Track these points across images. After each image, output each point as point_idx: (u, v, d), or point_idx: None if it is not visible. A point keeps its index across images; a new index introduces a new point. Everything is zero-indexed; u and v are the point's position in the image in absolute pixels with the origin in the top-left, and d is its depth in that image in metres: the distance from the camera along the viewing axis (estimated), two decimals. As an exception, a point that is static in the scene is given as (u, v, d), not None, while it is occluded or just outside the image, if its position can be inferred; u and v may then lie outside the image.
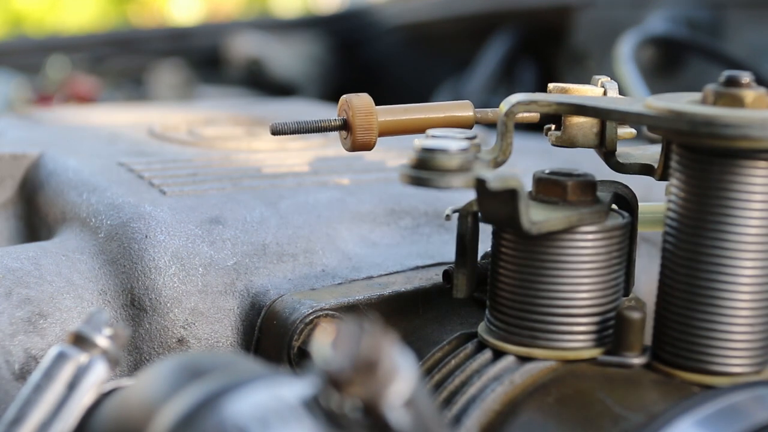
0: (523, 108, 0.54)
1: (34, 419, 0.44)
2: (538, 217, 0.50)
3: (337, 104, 0.59)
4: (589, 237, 0.52)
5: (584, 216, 0.51)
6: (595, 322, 0.52)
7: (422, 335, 0.61)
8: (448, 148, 0.48)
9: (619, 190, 0.56)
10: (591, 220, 0.51)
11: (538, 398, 0.51)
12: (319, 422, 0.36)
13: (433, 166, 0.48)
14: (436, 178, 0.48)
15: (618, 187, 0.56)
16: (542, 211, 0.51)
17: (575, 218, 0.51)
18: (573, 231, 0.51)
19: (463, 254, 0.56)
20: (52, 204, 0.76)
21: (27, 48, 2.07)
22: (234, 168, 0.80)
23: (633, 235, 0.56)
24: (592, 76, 0.59)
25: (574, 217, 0.51)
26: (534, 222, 0.50)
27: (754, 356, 0.51)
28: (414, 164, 0.48)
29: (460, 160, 0.48)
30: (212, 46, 2.11)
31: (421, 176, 0.48)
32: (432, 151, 0.48)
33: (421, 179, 0.48)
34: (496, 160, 0.54)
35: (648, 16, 1.46)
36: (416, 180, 0.48)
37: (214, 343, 0.65)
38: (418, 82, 2.04)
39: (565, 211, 0.51)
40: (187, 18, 5.63)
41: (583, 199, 0.53)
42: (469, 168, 0.48)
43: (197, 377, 0.40)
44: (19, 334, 0.61)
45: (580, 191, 0.53)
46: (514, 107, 0.54)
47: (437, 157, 0.48)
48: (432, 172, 0.48)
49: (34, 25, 5.79)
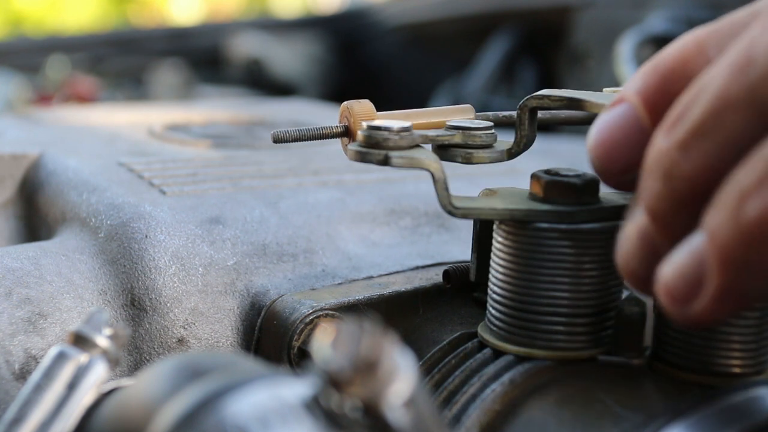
0: (536, 102, 0.55)
1: (34, 419, 0.44)
2: (462, 204, 0.52)
3: (337, 104, 0.60)
4: (588, 237, 0.52)
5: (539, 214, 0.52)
6: (594, 322, 0.52)
7: (422, 335, 0.61)
8: (390, 127, 0.51)
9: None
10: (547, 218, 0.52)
11: (538, 398, 0.51)
12: (319, 422, 0.36)
13: (374, 144, 0.51)
14: (374, 153, 0.51)
15: None
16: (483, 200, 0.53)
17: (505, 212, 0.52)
18: (572, 231, 0.51)
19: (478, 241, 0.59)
20: (52, 204, 0.76)
21: (27, 48, 2.07)
22: (234, 168, 0.80)
23: None
24: (603, 89, 0.59)
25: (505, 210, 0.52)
26: (457, 207, 0.52)
27: (754, 356, 0.51)
28: (361, 141, 0.52)
29: (399, 139, 0.51)
30: (212, 46, 2.11)
31: (362, 151, 0.51)
32: (376, 129, 0.51)
33: (362, 153, 0.51)
34: (510, 150, 0.56)
35: (648, 16, 1.46)
36: (359, 155, 0.52)
37: (214, 343, 0.65)
38: (418, 82, 2.04)
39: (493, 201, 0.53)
40: (187, 18, 5.63)
41: (572, 199, 0.52)
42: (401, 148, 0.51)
43: (197, 377, 0.40)
44: (19, 334, 0.61)
45: (557, 191, 0.53)
46: (527, 101, 0.56)
47: (378, 135, 0.51)
48: (372, 149, 0.51)
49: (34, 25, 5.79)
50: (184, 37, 2.15)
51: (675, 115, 0.42)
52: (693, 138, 0.41)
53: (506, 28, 1.80)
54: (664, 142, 0.42)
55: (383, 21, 2.19)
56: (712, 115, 0.41)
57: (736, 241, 0.39)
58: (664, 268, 0.43)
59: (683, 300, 0.42)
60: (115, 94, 1.85)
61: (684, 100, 0.42)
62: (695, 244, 0.41)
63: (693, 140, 0.41)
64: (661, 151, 0.42)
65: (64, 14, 6.08)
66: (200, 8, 6.24)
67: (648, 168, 0.43)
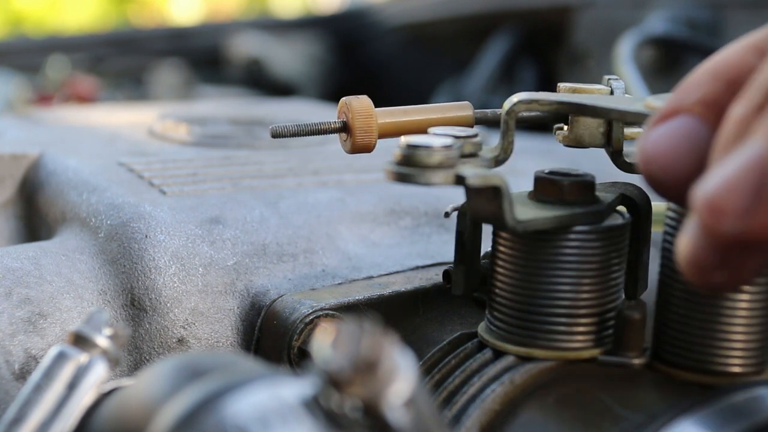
0: (525, 107, 0.54)
1: (34, 419, 0.44)
2: (525, 216, 0.50)
3: (337, 104, 0.60)
4: (588, 237, 0.52)
5: (577, 216, 0.51)
6: (595, 322, 0.52)
7: (422, 335, 0.61)
8: (431, 145, 0.49)
9: (627, 192, 0.56)
10: (585, 220, 0.51)
11: (538, 398, 0.51)
12: (319, 422, 0.36)
13: (415, 163, 0.49)
14: (418, 174, 0.48)
15: (627, 188, 0.56)
16: (532, 209, 0.52)
17: (566, 218, 0.51)
18: (571, 231, 0.51)
19: (462, 251, 0.57)
20: (52, 204, 0.76)
21: (27, 48, 2.07)
22: (234, 168, 0.80)
23: (642, 237, 0.56)
24: (603, 76, 0.59)
25: (565, 217, 0.51)
26: (520, 221, 0.50)
27: (754, 356, 0.51)
28: (398, 161, 0.49)
29: (442, 156, 0.49)
30: (212, 46, 2.11)
31: (403, 172, 0.49)
32: (415, 147, 0.49)
33: (403, 175, 0.49)
34: (497, 158, 0.55)
35: (648, 16, 1.46)
36: (400, 176, 0.49)
37: (214, 343, 0.65)
38: (418, 81, 2.04)
39: (557, 210, 0.51)
40: (187, 18, 5.63)
41: (580, 199, 0.53)
42: (452, 165, 0.49)
43: (197, 377, 0.40)
44: (19, 334, 0.61)
45: (577, 191, 0.53)
46: (515, 106, 0.54)
47: (419, 154, 0.48)
48: (414, 169, 0.49)
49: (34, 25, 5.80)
50: (184, 37, 2.15)
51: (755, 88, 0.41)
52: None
53: (506, 28, 1.79)
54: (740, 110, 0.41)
55: (383, 21, 2.19)
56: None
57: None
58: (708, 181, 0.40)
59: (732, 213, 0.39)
60: (115, 94, 1.85)
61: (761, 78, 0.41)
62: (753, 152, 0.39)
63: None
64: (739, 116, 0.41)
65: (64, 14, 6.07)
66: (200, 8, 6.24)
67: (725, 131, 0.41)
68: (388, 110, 0.58)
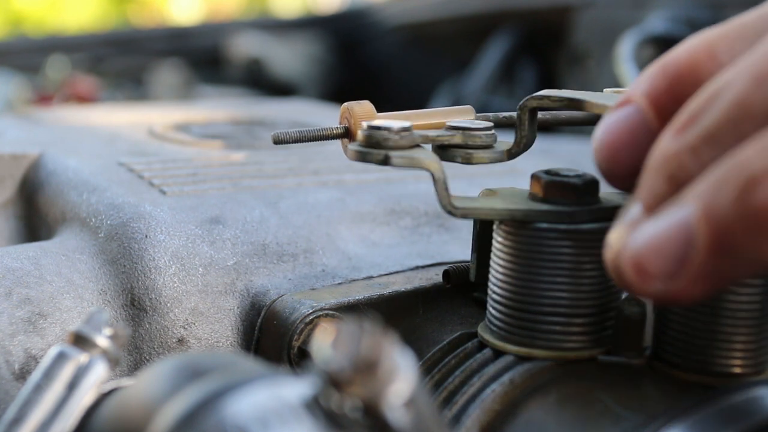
0: (536, 102, 0.55)
1: (34, 419, 0.44)
2: (466, 204, 0.52)
3: (337, 104, 0.60)
4: (588, 236, 0.52)
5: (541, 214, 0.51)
6: (594, 322, 0.52)
7: (422, 335, 0.61)
8: (390, 127, 0.51)
9: None
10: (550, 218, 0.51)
11: (538, 398, 0.51)
12: (319, 422, 0.36)
13: (373, 144, 0.51)
14: (375, 153, 0.51)
15: None
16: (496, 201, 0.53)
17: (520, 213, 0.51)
18: (572, 231, 0.51)
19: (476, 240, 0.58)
20: (52, 204, 0.76)
21: (27, 48, 2.07)
22: (234, 168, 0.80)
23: None
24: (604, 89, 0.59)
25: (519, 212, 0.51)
26: (457, 207, 0.52)
27: (754, 356, 0.51)
28: (360, 141, 0.52)
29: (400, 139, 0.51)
30: (212, 46, 2.11)
31: (362, 151, 0.51)
32: (375, 129, 0.51)
33: (362, 153, 0.51)
34: (510, 151, 0.57)
35: (648, 16, 1.46)
36: (359, 155, 0.52)
37: (214, 343, 0.65)
38: (418, 82, 2.04)
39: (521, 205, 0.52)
40: (187, 18, 5.63)
41: (572, 199, 0.52)
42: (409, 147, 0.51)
43: (197, 377, 0.40)
44: (19, 334, 0.61)
45: (555, 190, 0.53)
46: (527, 101, 0.56)
47: (377, 135, 0.51)
48: (372, 149, 0.51)
49: (34, 25, 5.80)
50: (184, 37, 2.15)
51: (686, 117, 0.42)
52: (705, 143, 0.40)
53: (506, 28, 1.79)
54: (672, 144, 0.41)
55: (383, 21, 2.19)
56: (729, 122, 0.40)
57: (737, 224, 0.38)
58: (636, 239, 0.41)
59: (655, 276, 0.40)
60: (115, 94, 1.85)
61: (696, 103, 0.42)
62: (680, 216, 0.40)
63: (704, 145, 0.40)
64: (669, 152, 0.41)
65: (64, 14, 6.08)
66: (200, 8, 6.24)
67: (651, 167, 0.42)
68: (390, 115, 0.58)
